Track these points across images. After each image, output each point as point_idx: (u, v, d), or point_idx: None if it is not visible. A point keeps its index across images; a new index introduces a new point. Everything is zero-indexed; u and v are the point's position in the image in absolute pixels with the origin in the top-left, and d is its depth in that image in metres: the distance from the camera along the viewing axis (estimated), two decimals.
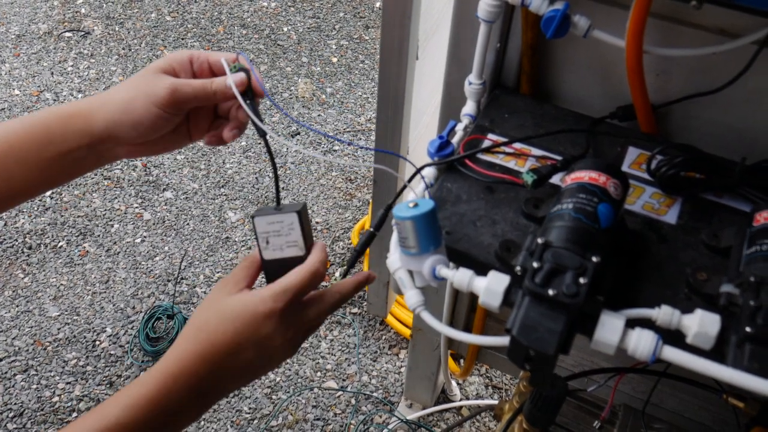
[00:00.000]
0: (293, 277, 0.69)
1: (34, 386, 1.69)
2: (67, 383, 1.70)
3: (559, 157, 0.82)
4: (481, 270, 0.66)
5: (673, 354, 0.60)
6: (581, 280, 0.60)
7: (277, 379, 1.72)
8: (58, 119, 0.72)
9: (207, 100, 0.74)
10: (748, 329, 0.59)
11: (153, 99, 0.71)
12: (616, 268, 0.65)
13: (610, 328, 0.60)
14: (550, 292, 0.59)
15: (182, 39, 2.68)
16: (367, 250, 1.79)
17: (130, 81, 0.74)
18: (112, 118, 0.73)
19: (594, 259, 0.61)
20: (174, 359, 0.66)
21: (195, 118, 0.79)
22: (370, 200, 2.10)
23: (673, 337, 0.62)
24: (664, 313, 0.62)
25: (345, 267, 0.76)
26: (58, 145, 0.72)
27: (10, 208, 0.80)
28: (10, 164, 0.71)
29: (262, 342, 0.68)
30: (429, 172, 0.81)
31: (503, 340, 0.62)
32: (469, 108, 0.91)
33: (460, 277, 0.65)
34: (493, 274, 0.64)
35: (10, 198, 0.74)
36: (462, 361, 1.62)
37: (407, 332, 1.77)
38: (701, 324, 0.60)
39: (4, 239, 2.00)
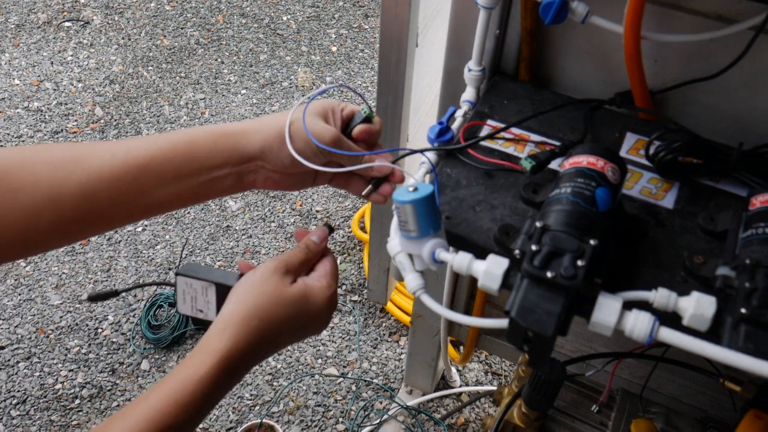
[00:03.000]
0: (335, 265, 0.76)
1: (37, 374, 1.71)
2: (70, 371, 1.71)
3: (557, 143, 0.83)
4: (481, 254, 0.67)
5: (669, 335, 0.61)
6: (579, 263, 0.61)
7: (278, 366, 1.73)
8: (206, 137, 0.72)
9: (353, 163, 0.76)
10: (743, 310, 0.60)
11: (316, 136, 0.72)
12: (614, 252, 0.66)
13: (607, 309, 0.61)
14: (549, 274, 0.60)
15: (182, 28, 2.68)
16: (367, 239, 1.80)
17: (286, 114, 0.74)
18: (269, 143, 0.73)
19: (592, 242, 0.62)
20: (230, 352, 0.66)
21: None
22: None
23: (670, 319, 0.63)
24: (660, 296, 0.63)
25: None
26: (202, 161, 0.71)
27: (141, 220, 0.80)
28: (150, 177, 0.69)
29: (319, 323, 0.74)
30: (429, 158, 0.82)
31: (502, 322, 0.63)
32: (468, 94, 0.92)
33: (460, 260, 0.66)
34: (492, 258, 0.65)
35: (144, 211, 0.72)
36: (462, 347, 1.63)
37: (407, 319, 1.78)
38: (697, 306, 0.61)
39: None
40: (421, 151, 0.80)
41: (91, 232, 0.72)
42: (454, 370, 1.69)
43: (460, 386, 1.71)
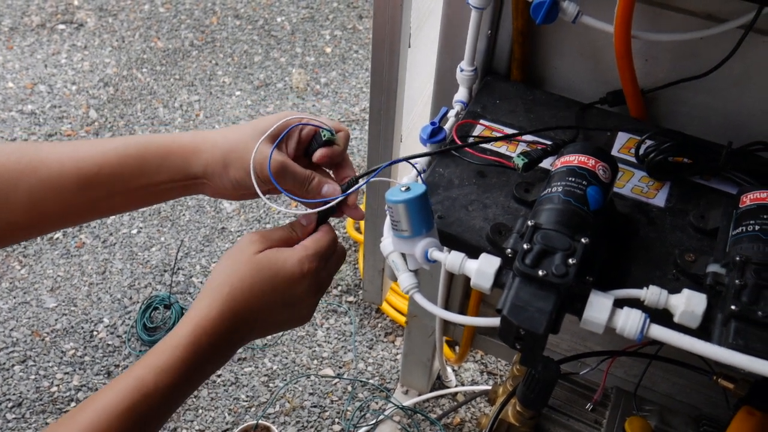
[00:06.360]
0: (324, 239, 0.72)
1: (33, 377, 1.70)
2: (66, 373, 1.71)
3: (549, 142, 0.83)
4: (473, 253, 0.67)
5: (660, 332, 0.61)
6: (570, 261, 0.61)
7: (274, 367, 1.74)
8: (156, 153, 0.72)
9: (299, 191, 0.75)
10: (733, 307, 0.60)
11: (259, 170, 0.72)
12: (606, 250, 0.66)
13: (598, 307, 0.62)
14: (540, 272, 0.61)
15: (176, 30, 2.68)
16: (362, 239, 1.80)
17: (244, 134, 0.73)
18: (213, 168, 0.73)
19: (583, 240, 0.63)
20: (204, 320, 0.66)
21: None
22: (363, 191, 2.11)
23: (661, 316, 0.63)
24: (652, 293, 0.63)
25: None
26: (151, 177, 0.72)
27: (90, 221, 0.81)
28: (99, 188, 0.71)
29: (296, 300, 0.71)
30: (422, 159, 0.82)
31: (494, 321, 0.64)
32: (461, 95, 0.92)
33: (452, 259, 0.67)
34: (484, 257, 0.66)
35: (93, 215, 0.75)
36: (457, 347, 1.64)
37: (402, 319, 1.78)
38: (688, 303, 0.62)
39: None
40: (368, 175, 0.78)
41: (39, 234, 0.74)
42: (449, 370, 1.70)
43: (456, 386, 1.71)
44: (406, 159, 0.78)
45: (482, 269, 0.65)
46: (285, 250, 0.71)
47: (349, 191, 0.75)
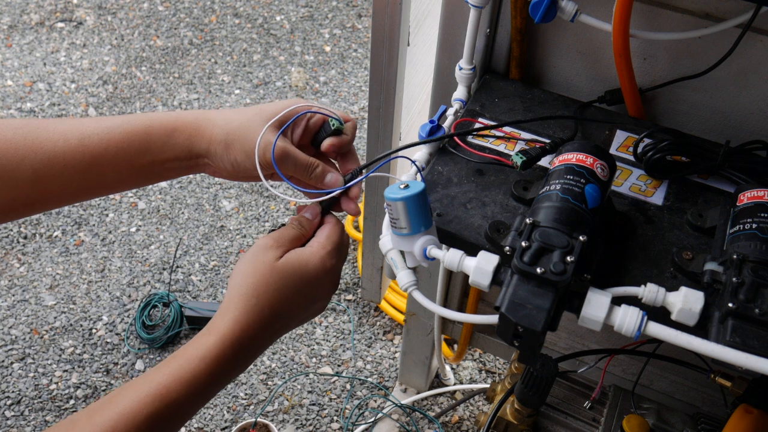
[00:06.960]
0: (336, 231, 0.74)
1: (32, 374, 1.71)
2: (65, 371, 1.71)
3: (547, 141, 0.83)
4: (472, 251, 0.68)
5: (657, 330, 0.61)
6: (568, 259, 0.61)
7: (273, 365, 1.74)
8: (161, 131, 0.73)
9: (302, 177, 0.75)
10: (730, 305, 0.61)
11: (261, 155, 0.72)
12: (604, 248, 0.67)
13: (596, 304, 0.62)
14: (538, 270, 0.61)
15: (175, 29, 2.68)
16: (361, 238, 1.81)
17: (248, 117, 0.73)
18: (215, 147, 0.74)
19: (581, 238, 0.63)
20: (231, 333, 0.66)
21: None
22: (362, 190, 2.11)
23: (659, 314, 0.63)
24: (649, 291, 0.64)
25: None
26: (156, 154, 0.73)
27: (94, 198, 0.81)
28: (104, 165, 0.71)
29: (319, 297, 0.73)
30: (421, 156, 0.83)
31: (492, 318, 0.64)
32: (459, 93, 0.92)
33: (451, 257, 0.67)
34: (482, 254, 0.66)
35: (98, 192, 0.76)
36: (456, 345, 1.64)
37: (401, 318, 1.78)
38: (685, 301, 0.62)
39: None
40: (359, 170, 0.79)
41: (44, 210, 0.75)
42: (448, 368, 1.70)
43: (455, 384, 1.71)
44: (403, 148, 0.78)
45: (480, 267, 0.65)
46: (304, 251, 0.71)
47: (353, 182, 0.76)
